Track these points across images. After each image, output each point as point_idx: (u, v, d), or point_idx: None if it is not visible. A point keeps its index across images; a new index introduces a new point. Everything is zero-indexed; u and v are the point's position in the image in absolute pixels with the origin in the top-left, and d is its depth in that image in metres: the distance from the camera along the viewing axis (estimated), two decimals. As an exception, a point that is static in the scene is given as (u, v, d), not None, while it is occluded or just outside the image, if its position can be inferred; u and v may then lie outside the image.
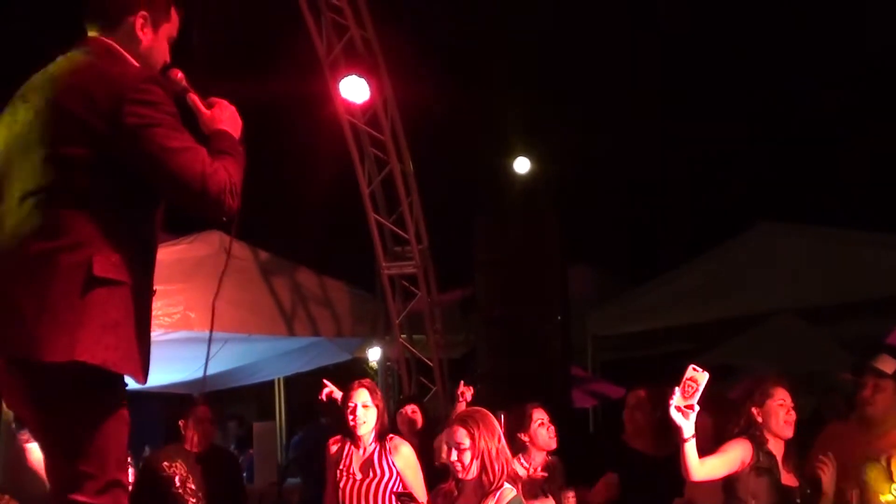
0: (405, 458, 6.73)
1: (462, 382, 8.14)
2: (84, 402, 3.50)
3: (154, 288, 3.76)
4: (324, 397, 7.47)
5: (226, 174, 3.56)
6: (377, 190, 12.20)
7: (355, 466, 6.73)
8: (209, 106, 3.87)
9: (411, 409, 8.82)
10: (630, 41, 17.11)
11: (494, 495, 5.47)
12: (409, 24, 13.22)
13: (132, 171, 3.52)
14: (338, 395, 7.23)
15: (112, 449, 3.57)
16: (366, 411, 6.71)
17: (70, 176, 3.51)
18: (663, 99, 17.25)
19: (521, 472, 7.10)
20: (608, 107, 16.96)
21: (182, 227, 10.20)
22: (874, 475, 6.36)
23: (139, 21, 3.72)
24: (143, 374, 3.59)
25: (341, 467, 6.79)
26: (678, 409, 5.44)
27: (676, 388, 5.46)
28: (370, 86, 11.43)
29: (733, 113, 17.26)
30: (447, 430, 5.73)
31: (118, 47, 3.71)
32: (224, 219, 3.66)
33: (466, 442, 5.50)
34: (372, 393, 6.82)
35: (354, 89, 11.42)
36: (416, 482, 6.67)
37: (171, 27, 3.83)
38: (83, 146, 3.49)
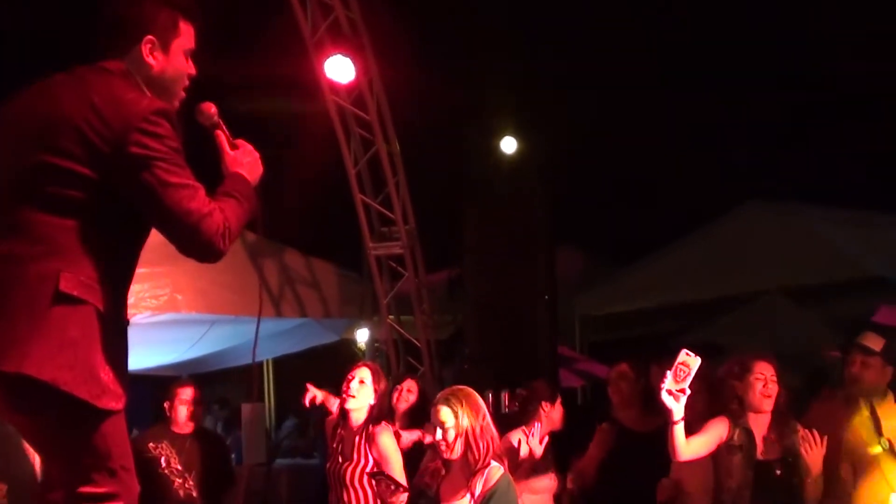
0: (381, 447, 6.63)
1: None
2: (67, 409, 3.41)
3: (128, 319, 3.67)
4: (307, 403, 7.40)
5: (221, 217, 3.51)
6: (363, 170, 12.16)
7: (342, 448, 6.74)
8: (234, 147, 3.84)
9: (407, 387, 8.75)
10: (621, 19, 17.06)
11: (482, 474, 5.47)
12: (394, 3, 13.16)
13: (126, 198, 3.47)
14: (321, 396, 7.24)
15: (111, 443, 3.51)
16: (361, 387, 6.69)
17: (58, 187, 3.45)
18: (653, 78, 17.22)
19: (523, 441, 7.15)
20: (597, 86, 16.93)
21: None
22: (860, 424, 6.41)
23: (146, 47, 3.65)
24: (112, 398, 3.46)
25: (334, 446, 6.80)
26: (669, 392, 5.46)
27: (668, 372, 5.48)
28: (356, 66, 11.38)
29: (722, 92, 17.24)
30: (433, 409, 5.72)
31: (133, 73, 3.65)
32: (211, 261, 3.59)
33: (450, 420, 5.49)
34: (374, 374, 6.81)
35: (340, 69, 11.36)
36: (392, 472, 6.55)
37: (184, 41, 3.73)
38: (80, 163, 3.44)
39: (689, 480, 6.49)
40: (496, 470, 5.50)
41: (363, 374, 6.74)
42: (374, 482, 6.47)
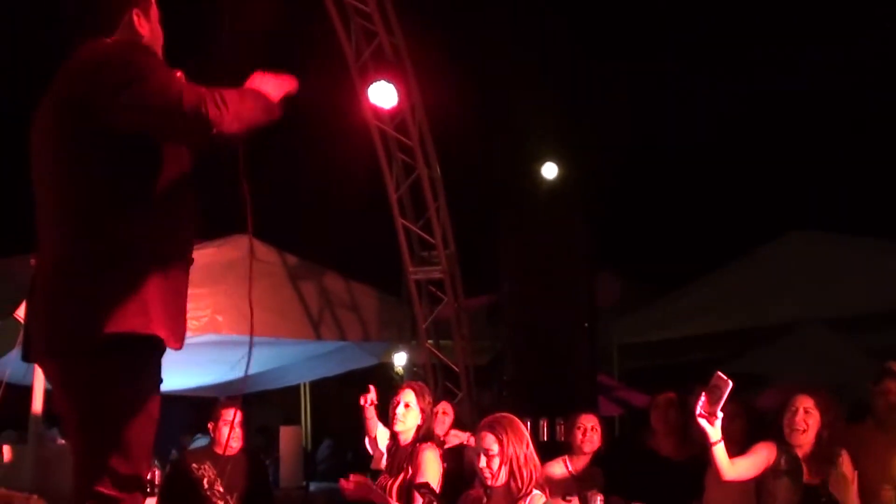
0: (420, 460, 6.67)
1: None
2: (115, 393, 3.61)
3: (191, 257, 3.90)
4: (362, 402, 7.42)
5: (205, 90, 3.52)
6: (405, 195, 12.20)
7: (392, 464, 6.79)
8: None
9: (441, 410, 8.77)
10: (663, 47, 17.06)
11: (524, 501, 5.47)
12: (437, 28, 13.22)
13: (127, 132, 3.58)
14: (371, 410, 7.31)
15: (137, 443, 3.65)
16: (407, 411, 6.75)
17: (83, 166, 3.64)
18: (695, 106, 17.21)
19: (562, 470, 7.21)
20: (638, 112, 16.93)
21: (211, 230, 10.22)
22: None
23: (135, 18, 3.85)
24: (175, 339, 3.74)
25: (384, 464, 6.89)
26: (702, 415, 5.48)
27: (703, 395, 5.49)
28: (398, 91, 11.44)
29: (764, 120, 17.19)
30: (475, 435, 5.73)
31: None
32: (210, 134, 3.53)
33: (495, 448, 5.48)
34: (419, 395, 6.85)
35: (383, 95, 11.44)
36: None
37: (155, 10, 3.97)
38: (85, 132, 3.62)
39: (722, 502, 6.48)
40: (538, 498, 5.48)
41: (407, 397, 6.79)
42: (418, 493, 6.50)
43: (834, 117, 16.68)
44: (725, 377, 5.44)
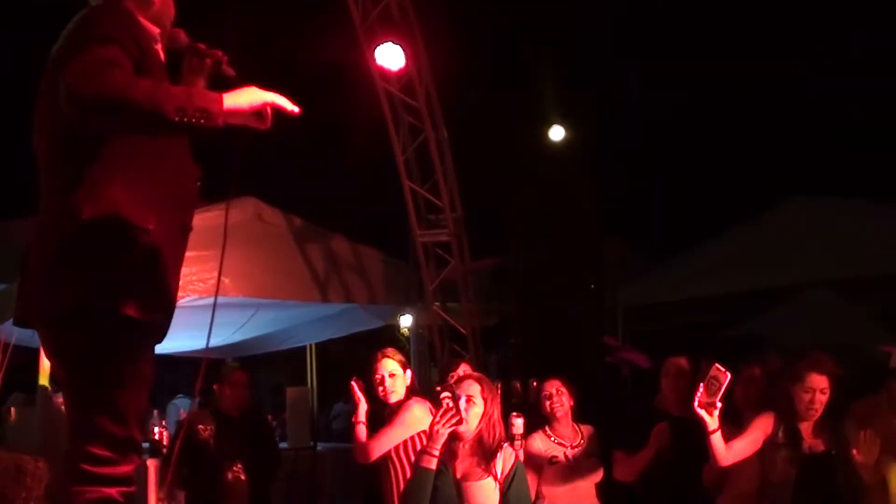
0: (402, 411, 6.54)
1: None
2: (102, 356, 3.60)
3: (188, 224, 3.86)
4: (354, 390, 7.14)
5: (110, 73, 3.37)
6: (412, 158, 12.17)
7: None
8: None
9: (462, 370, 8.69)
10: (671, 17, 17.03)
11: (498, 456, 5.70)
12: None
13: None
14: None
15: (129, 405, 3.66)
16: (394, 381, 6.65)
17: (56, 130, 3.64)
18: (699, 69, 17.18)
19: (543, 440, 7.23)
20: (645, 80, 16.92)
21: (216, 193, 10.21)
22: None
23: None
24: (152, 310, 3.64)
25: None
26: (701, 405, 5.56)
27: (700, 385, 5.57)
28: (406, 53, 11.40)
29: (770, 83, 17.16)
30: (462, 381, 5.83)
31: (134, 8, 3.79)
32: (71, 100, 3.37)
33: (479, 400, 5.70)
34: (399, 361, 6.74)
35: (390, 56, 11.39)
36: (392, 430, 6.52)
37: None
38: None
39: (734, 465, 6.50)
40: (510, 453, 5.80)
41: (391, 367, 6.64)
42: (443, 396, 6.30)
43: (837, 83, 16.67)
44: (724, 369, 5.50)
